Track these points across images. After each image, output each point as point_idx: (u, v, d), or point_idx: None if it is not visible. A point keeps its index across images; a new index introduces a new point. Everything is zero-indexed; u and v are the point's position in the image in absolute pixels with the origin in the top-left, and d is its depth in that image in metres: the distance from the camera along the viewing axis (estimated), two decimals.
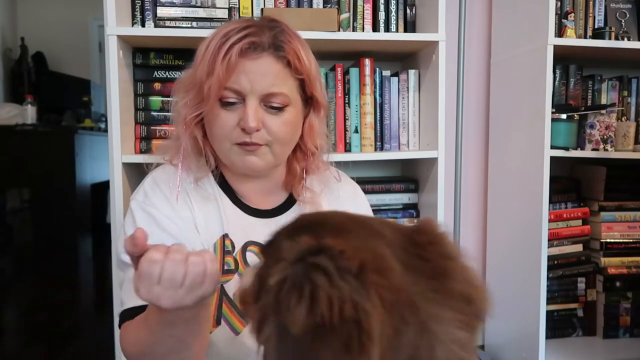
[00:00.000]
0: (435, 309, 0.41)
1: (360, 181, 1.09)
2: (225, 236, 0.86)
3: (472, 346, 0.43)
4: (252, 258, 0.87)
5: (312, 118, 0.89)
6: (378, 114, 1.54)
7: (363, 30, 1.50)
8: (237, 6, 1.43)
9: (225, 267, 0.84)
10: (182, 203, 0.86)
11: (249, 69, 0.79)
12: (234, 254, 0.86)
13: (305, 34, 0.86)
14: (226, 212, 0.88)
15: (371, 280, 0.39)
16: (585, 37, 1.61)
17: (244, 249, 0.87)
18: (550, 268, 1.56)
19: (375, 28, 1.52)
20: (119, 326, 0.83)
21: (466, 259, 0.46)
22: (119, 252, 0.85)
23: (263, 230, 0.89)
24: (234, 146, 0.83)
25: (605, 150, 1.56)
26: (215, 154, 0.88)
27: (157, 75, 1.42)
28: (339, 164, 1.06)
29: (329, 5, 1.47)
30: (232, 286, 0.84)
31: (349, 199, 1.02)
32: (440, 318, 0.41)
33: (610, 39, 1.57)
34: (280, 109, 0.82)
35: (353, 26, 1.50)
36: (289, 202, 0.95)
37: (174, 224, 0.84)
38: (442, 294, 0.42)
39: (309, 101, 0.88)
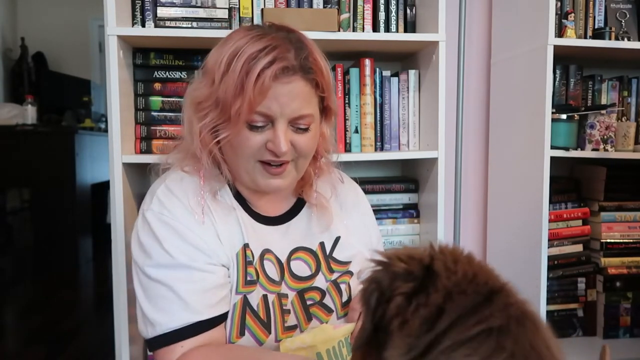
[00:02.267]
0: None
1: (361, 181, 1.09)
2: (246, 246, 0.85)
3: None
4: (270, 267, 0.86)
5: (324, 126, 0.90)
6: (378, 114, 1.54)
7: (363, 31, 1.50)
8: (237, 6, 1.43)
9: (248, 278, 0.83)
10: (205, 215, 0.84)
11: (280, 92, 0.78)
12: (254, 264, 0.85)
13: (305, 34, 0.86)
14: (244, 222, 0.87)
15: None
16: (585, 37, 1.61)
17: (262, 258, 0.86)
18: (550, 268, 1.56)
19: (375, 28, 1.52)
20: (156, 348, 0.78)
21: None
22: (143, 262, 0.80)
23: (275, 237, 0.90)
24: (258, 164, 0.83)
25: (605, 150, 1.56)
26: (229, 167, 0.87)
27: (158, 76, 1.42)
28: (339, 164, 1.06)
29: (329, 6, 1.47)
30: (255, 297, 0.83)
31: (353, 201, 1.03)
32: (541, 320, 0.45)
33: (610, 39, 1.57)
34: (306, 129, 0.83)
35: (353, 26, 1.50)
36: (298, 206, 0.95)
37: (197, 235, 0.81)
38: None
39: (323, 110, 0.89)
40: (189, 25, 1.38)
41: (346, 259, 0.94)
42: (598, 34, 1.58)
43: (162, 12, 1.38)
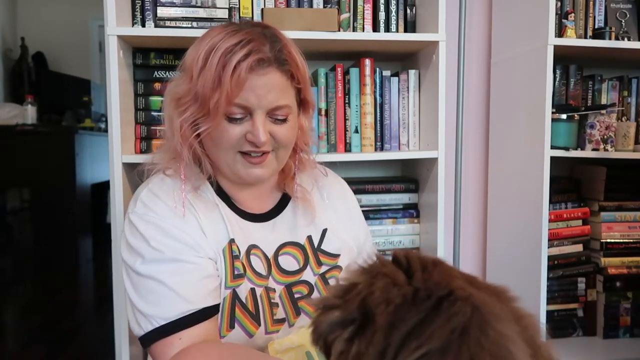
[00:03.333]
0: (489, 300, 0.42)
1: (360, 181, 1.10)
2: (232, 241, 0.86)
3: (519, 345, 0.42)
4: (256, 262, 0.88)
5: (302, 118, 0.92)
6: (378, 114, 1.54)
7: (363, 30, 1.50)
8: (237, 6, 1.43)
9: (236, 272, 0.84)
10: (188, 212, 0.85)
11: (256, 84, 0.80)
12: (241, 259, 0.86)
13: (305, 34, 0.87)
14: (229, 218, 0.88)
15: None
16: (585, 37, 1.61)
17: (248, 253, 0.88)
18: (550, 268, 1.56)
19: (375, 28, 1.52)
20: (151, 342, 0.78)
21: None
22: (133, 262, 0.81)
23: (262, 233, 0.91)
24: (238, 155, 0.84)
25: (606, 150, 1.56)
26: (211, 161, 0.88)
27: (157, 75, 1.42)
28: (339, 164, 1.07)
29: (329, 5, 1.47)
30: (243, 290, 0.84)
31: (339, 194, 1.04)
32: (495, 311, 0.41)
33: (610, 39, 1.57)
34: (284, 120, 0.85)
35: (353, 26, 1.50)
36: (283, 202, 0.96)
37: (183, 231, 0.82)
38: (503, 302, 0.44)
39: (301, 103, 0.90)
40: (189, 25, 1.38)
41: (335, 250, 0.95)
42: (598, 34, 1.58)
43: (162, 12, 1.38)
